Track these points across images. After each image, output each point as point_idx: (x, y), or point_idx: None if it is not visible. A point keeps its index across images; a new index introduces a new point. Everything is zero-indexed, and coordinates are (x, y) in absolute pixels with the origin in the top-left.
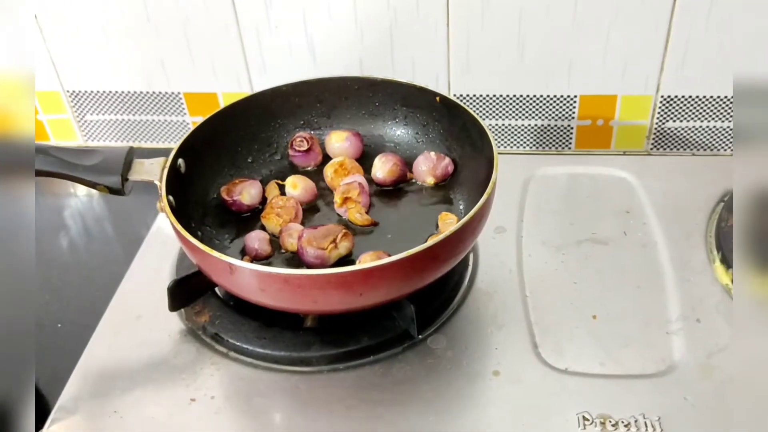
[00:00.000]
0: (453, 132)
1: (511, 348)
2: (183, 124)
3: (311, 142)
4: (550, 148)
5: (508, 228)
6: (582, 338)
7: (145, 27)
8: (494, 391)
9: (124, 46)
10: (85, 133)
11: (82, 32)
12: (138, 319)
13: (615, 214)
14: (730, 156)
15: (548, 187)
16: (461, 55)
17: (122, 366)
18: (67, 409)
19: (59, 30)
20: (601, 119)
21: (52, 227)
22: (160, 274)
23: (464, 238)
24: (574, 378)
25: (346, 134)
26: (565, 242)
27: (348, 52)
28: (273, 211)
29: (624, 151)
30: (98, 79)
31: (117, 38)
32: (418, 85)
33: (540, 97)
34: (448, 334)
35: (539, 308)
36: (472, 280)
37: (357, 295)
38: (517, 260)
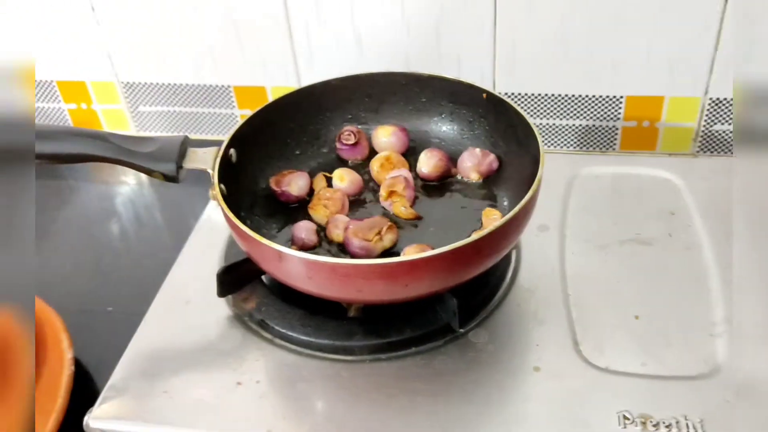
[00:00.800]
0: (499, 129)
1: (551, 344)
2: (231, 117)
3: (358, 136)
4: (595, 149)
5: (552, 226)
6: (623, 337)
7: (197, 20)
8: (534, 386)
9: (176, 39)
10: (138, 124)
11: (137, 25)
12: (187, 304)
13: (659, 215)
14: None
15: (593, 186)
16: (507, 52)
17: (171, 348)
18: (117, 388)
19: (115, 22)
20: (647, 121)
21: (104, 214)
22: (209, 261)
23: (508, 233)
24: (615, 376)
25: (392, 129)
26: (608, 242)
27: (394, 47)
28: (320, 202)
29: (670, 153)
30: (151, 71)
31: (170, 31)
32: (466, 82)
33: (585, 97)
34: (490, 329)
35: (581, 306)
36: (515, 276)
37: (402, 286)
38: (559, 258)
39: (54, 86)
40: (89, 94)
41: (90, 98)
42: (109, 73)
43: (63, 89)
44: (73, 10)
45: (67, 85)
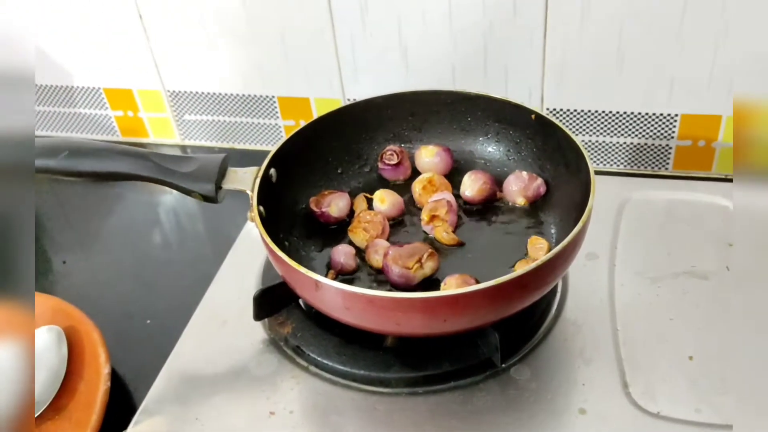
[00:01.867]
0: (547, 151)
1: (599, 385)
2: (276, 128)
3: (401, 156)
4: (646, 168)
5: (601, 255)
6: (677, 380)
7: (243, 30)
8: (579, 430)
9: (222, 49)
10: (183, 132)
11: (184, 34)
12: (223, 324)
13: (717, 246)
14: None
15: (645, 212)
16: (557, 67)
17: (206, 372)
18: (149, 412)
19: (162, 30)
20: (703, 140)
21: (148, 223)
22: (247, 280)
23: (555, 266)
24: (667, 424)
25: (436, 150)
26: (661, 274)
27: (441, 61)
28: (360, 225)
29: (726, 174)
30: (197, 81)
31: (216, 41)
32: (513, 102)
33: (638, 114)
34: (533, 365)
35: (631, 344)
36: (560, 308)
37: (441, 320)
38: (608, 290)
39: (101, 93)
40: (136, 102)
41: (137, 106)
42: (156, 81)
43: (110, 96)
44: (121, 18)
45: (114, 93)
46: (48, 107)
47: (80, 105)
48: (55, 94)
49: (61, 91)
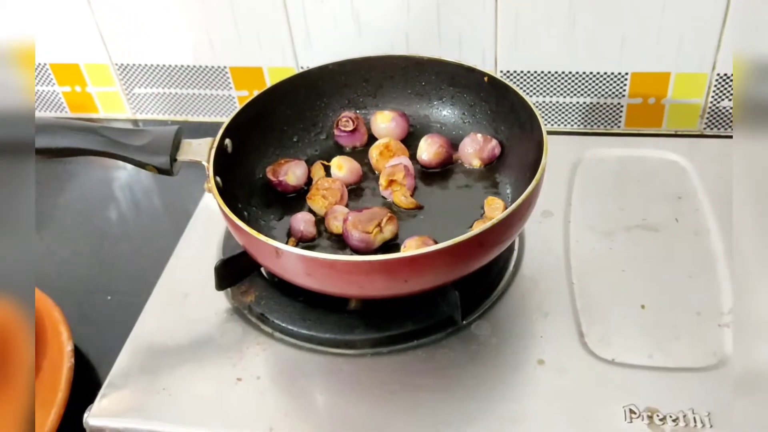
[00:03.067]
0: (501, 113)
1: (556, 336)
2: (229, 98)
3: (357, 122)
4: (599, 126)
5: (556, 212)
6: (630, 328)
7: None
8: (539, 380)
9: (171, 20)
10: (134, 106)
11: (130, 5)
12: (186, 297)
13: (666, 199)
14: None
15: (597, 170)
16: (509, 30)
17: (170, 343)
18: (116, 385)
19: (107, 3)
20: (653, 97)
21: (102, 200)
22: (207, 252)
23: (511, 225)
24: (622, 369)
25: (391, 115)
26: (614, 228)
27: (394, 26)
28: (318, 192)
29: (676, 130)
30: (146, 53)
31: (164, 12)
32: (466, 65)
33: (590, 74)
34: (493, 321)
35: (586, 296)
36: (518, 265)
37: (402, 281)
38: (564, 246)
39: (48, 69)
40: (83, 77)
41: (84, 81)
42: (103, 54)
43: (57, 72)
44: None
45: (61, 68)
46: None
47: None
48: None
49: None
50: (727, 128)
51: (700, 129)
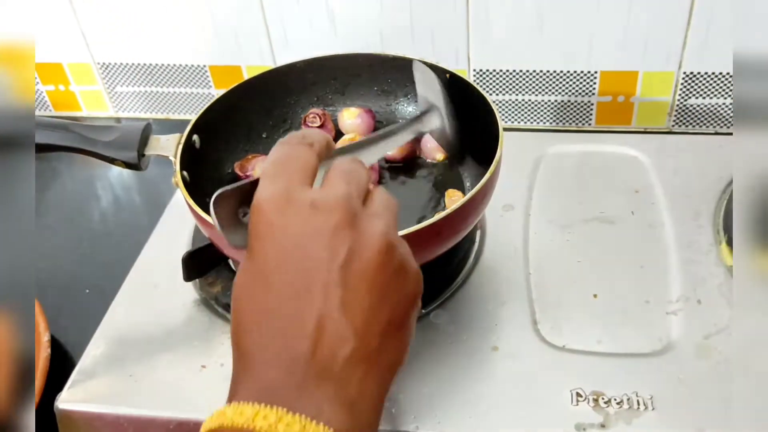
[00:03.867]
0: (463, 108)
1: (511, 324)
2: (209, 96)
3: (324, 119)
4: (571, 124)
5: (517, 206)
6: (581, 316)
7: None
8: (492, 365)
9: (151, 20)
10: (116, 105)
11: (112, 6)
12: (155, 287)
13: (624, 193)
14: None
15: (560, 165)
16: (480, 29)
17: (138, 332)
18: (86, 372)
19: (89, 4)
20: (622, 95)
21: (84, 196)
22: (178, 244)
23: (467, 215)
24: (571, 355)
25: (358, 111)
26: (572, 221)
27: (368, 25)
28: None
29: (645, 128)
30: (127, 52)
31: (144, 12)
32: (429, 62)
33: (560, 72)
34: (451, 310)
35: (541, 286)
36: (478, 256)
37: None
38: (523, 238)
39: None
40: (66, 76)
41: (68, 80)
42: (85, 54)
43: (40, 71)
44: None
45: (44, 67)
46: None
47: None
48: None
49: None
50: (695, 125)
51: (669, 126)
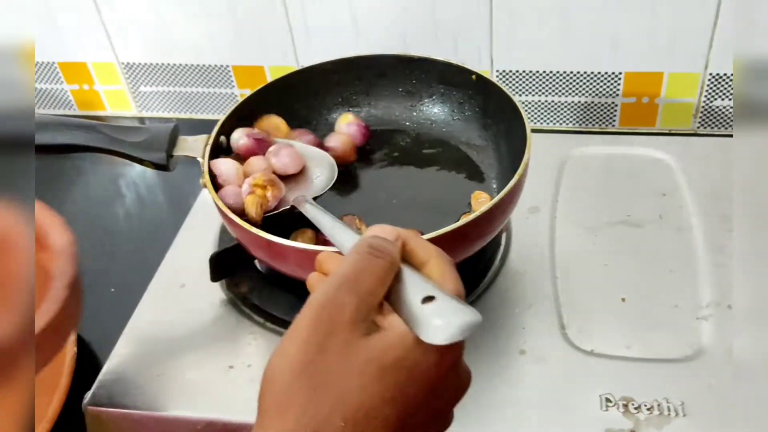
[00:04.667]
0: (488, 110)
1: (538, 328)
2: (232, 96)
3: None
4: (594, 126)
5: (543, 208)
6: (609, 320)
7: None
8: (519, 369)
9: (174, 19)
10: (139, 104)
11: (136, 6)
12: (182, 288)
13: (652, 196)
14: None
15: (586, 167)
16: (504, 29)
17: (166, 332)
18: (114, 372)
19: (114, 4)
20: (647, 97)
21: (108, 195)
22: (204, 244)
23: (495, 217)
24: (600, 360)
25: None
26: (598, 224)
27: (391, 26)
28: None
29: (670, 129)
30: (151, 52)
31: (168, 12)
32: (455, 63)
33: (584, 73)
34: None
35: (568, 289)
36: (504, 259)
37: None
38: (549, 241)
39: (56, 67)
40: (91, 75)
41: (92, 79)
42: (110, 54)
43: (65, 70)
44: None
45: (68, 66)
46: None
47: (35, 80)
48: None
49: None
50: (720, 127)
51: (694, 128)
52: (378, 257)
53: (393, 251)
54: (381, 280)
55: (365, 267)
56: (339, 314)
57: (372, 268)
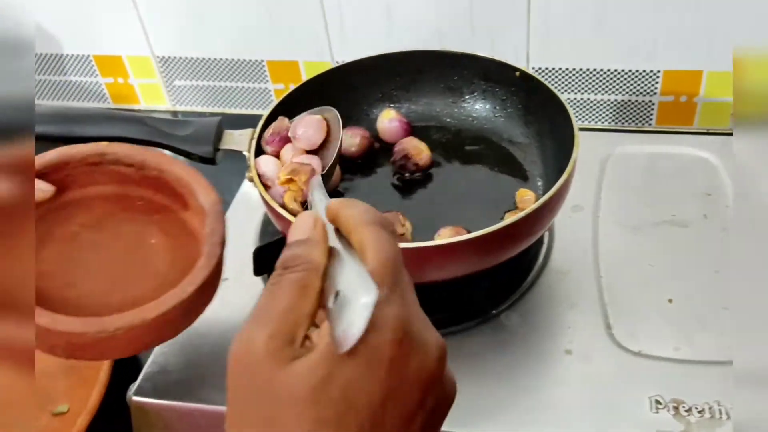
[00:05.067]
0: (531, 107)
1: (583, 327)
2: (266, 91)
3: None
4: (630, 124)
5: (585, 206)
6: (656, 321)
7: None
8: (566, 369)
9: (209, 14)
10: (173, 98)
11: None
12: (225, 281)
13: (695, 196)
14: None
15: (627, 165)
16: (541, 26)
17: (209, 326)
18: (159, 364)
19: None
20: (685, 95)
21: None
22: (246, 238)
23: (543, 216)
24: (648, 361)
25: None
26: (642, 223)
27: (427, 22)
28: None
29: (707, 129)
30: (186, 46)
31: (204, 5)
32: (498, 60)
33: (621, 71)
34: (521, 311)
35: (613, 289)
36: (547, 258)
37: (435, 269)
38: (592, 240)
39: (91, 60)
40: (126, 69)
41: (127, 72)
42: (145, 47)
43: (100, 64)
44: None
45: (103, 60)
46: (38, 75)
47: (70, 73)
48: (45, 62)
49: (51, 59)
50: None
51: (732, 127)
52: (291, 271)
53: (309, 253)
54: (300, 293)
55: (274, 290)
56: (252, 353)
57: (283, 288)
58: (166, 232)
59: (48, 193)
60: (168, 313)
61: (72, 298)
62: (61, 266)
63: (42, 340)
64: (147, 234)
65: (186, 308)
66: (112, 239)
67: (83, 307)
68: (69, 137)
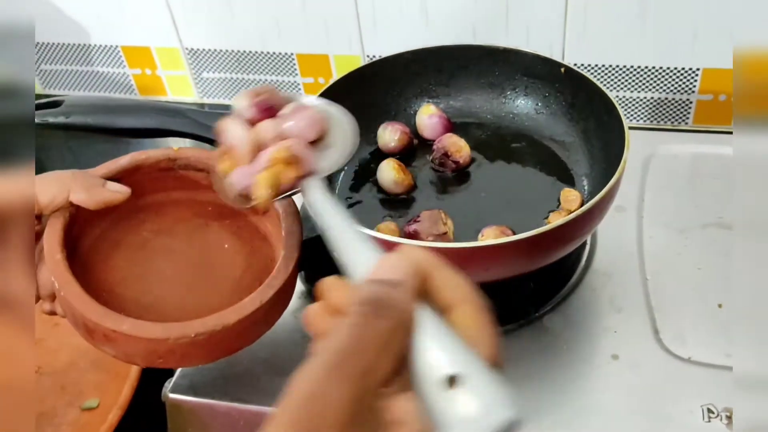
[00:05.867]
0: (576, 105)
1: (630, 332)
2: (295, 85)
3: None
4: (666, 122)
5: (629, 207)
6: (707, 327)
7: None
8: (613, 375)
9: (240, 5)
10: (201, 90)
11: None
12: None
13: None
14: None
15: (670, 166)
16: (578, 22)
17: None
18: None
19: None
20: (724, 94)
21: None
22: None
23: (591, 218)
24: (698, 368)
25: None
26: (688, 225)
27: (461, 16)
28: None
29: None
30: (215, 38)
31: None
32: (542, 55)
33: (659, 68)
34: (565, 314)
35: (660, 293)
36: (590, 260)
37: (479, 270)
38: (637, 242)
39: (119, 51)
40: (154, 60)
41: (155, 64)
42: (174, 39)
43: (128, 54)
44: None
45: (131, 51)
46: (65, 66)
47: (98, 63)
48: (72, 53)
49: (78, 50)
50: None
51: None
52: (381, 317)
53: (403, 303)
54: (385, 350)
55: (363, 337)
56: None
57: (372, 336)
58: (238, 237)
59: (124, 195)
60: (248, 318)
61: (147, 305)
62: (134, 272)
63: (121, 347)
64: (219, 239)
65: (266, 312)
66: (185, 245)
67: (160, 314)
68: (109, 128)
